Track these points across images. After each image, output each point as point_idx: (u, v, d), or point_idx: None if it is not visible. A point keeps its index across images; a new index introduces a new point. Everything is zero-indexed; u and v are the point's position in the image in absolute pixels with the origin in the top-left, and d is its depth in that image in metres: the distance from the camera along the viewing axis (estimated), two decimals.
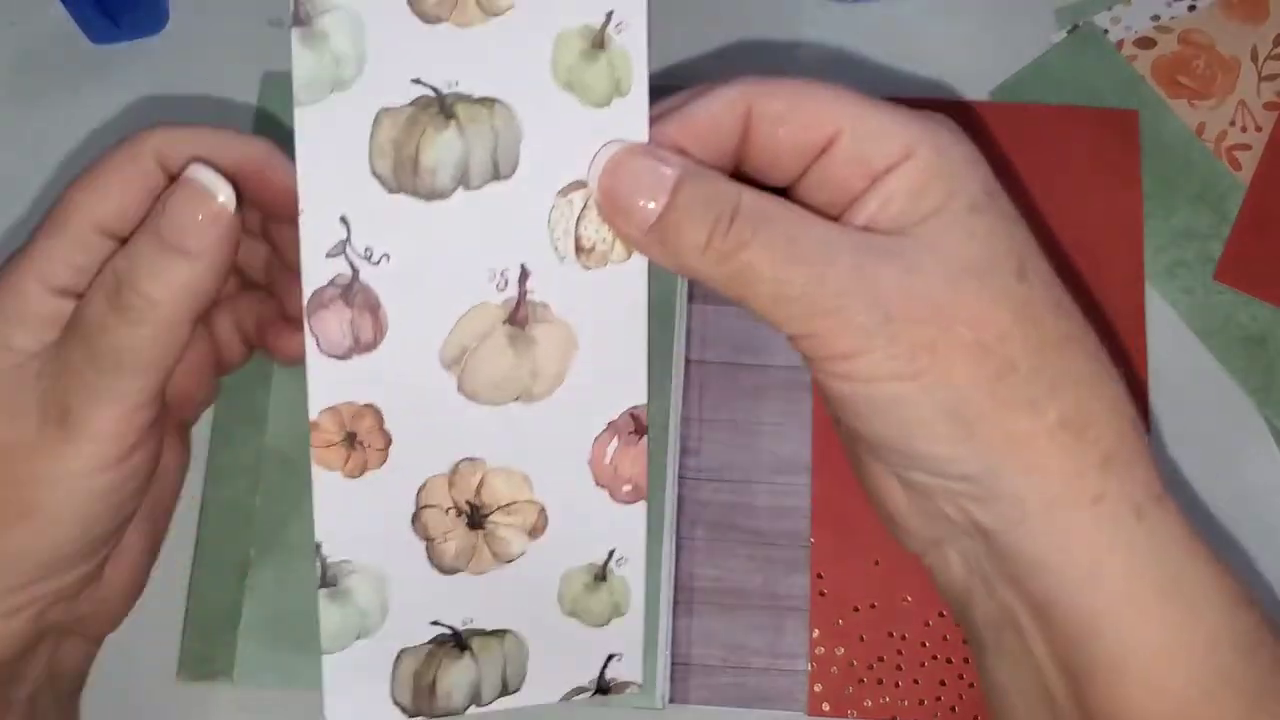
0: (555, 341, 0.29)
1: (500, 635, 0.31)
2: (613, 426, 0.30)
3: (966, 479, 0.26)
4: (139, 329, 0.28)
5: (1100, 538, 0.26)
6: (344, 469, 0.29)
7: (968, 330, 0.25)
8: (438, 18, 0.26)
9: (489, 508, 0.30)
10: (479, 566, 0.30)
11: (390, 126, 0.26)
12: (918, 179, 0.26)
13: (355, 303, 0.27)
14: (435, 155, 0.27)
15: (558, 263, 0.28)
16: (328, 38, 0.26)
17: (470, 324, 0.28)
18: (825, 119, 0.27)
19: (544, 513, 0.30)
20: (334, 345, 0.27)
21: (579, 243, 0.28)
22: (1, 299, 0.29)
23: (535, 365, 0.29)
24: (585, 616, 0.31)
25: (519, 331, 0.28)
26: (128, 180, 0.28)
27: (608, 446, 0.30)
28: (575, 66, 0.27)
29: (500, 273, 0.28)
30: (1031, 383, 0.26)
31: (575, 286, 0.28)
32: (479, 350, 0.28)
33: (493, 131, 0.27)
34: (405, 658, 0.30)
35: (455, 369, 0.28)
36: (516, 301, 0.28)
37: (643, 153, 0.27)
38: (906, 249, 0.26)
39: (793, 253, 0.25)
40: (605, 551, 0.31)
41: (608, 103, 0.27)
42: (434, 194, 0.27)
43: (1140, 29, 0.48)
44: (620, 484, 0.30)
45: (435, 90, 0.27)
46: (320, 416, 0.28)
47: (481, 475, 0.30)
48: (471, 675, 0.31)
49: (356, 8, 0.26)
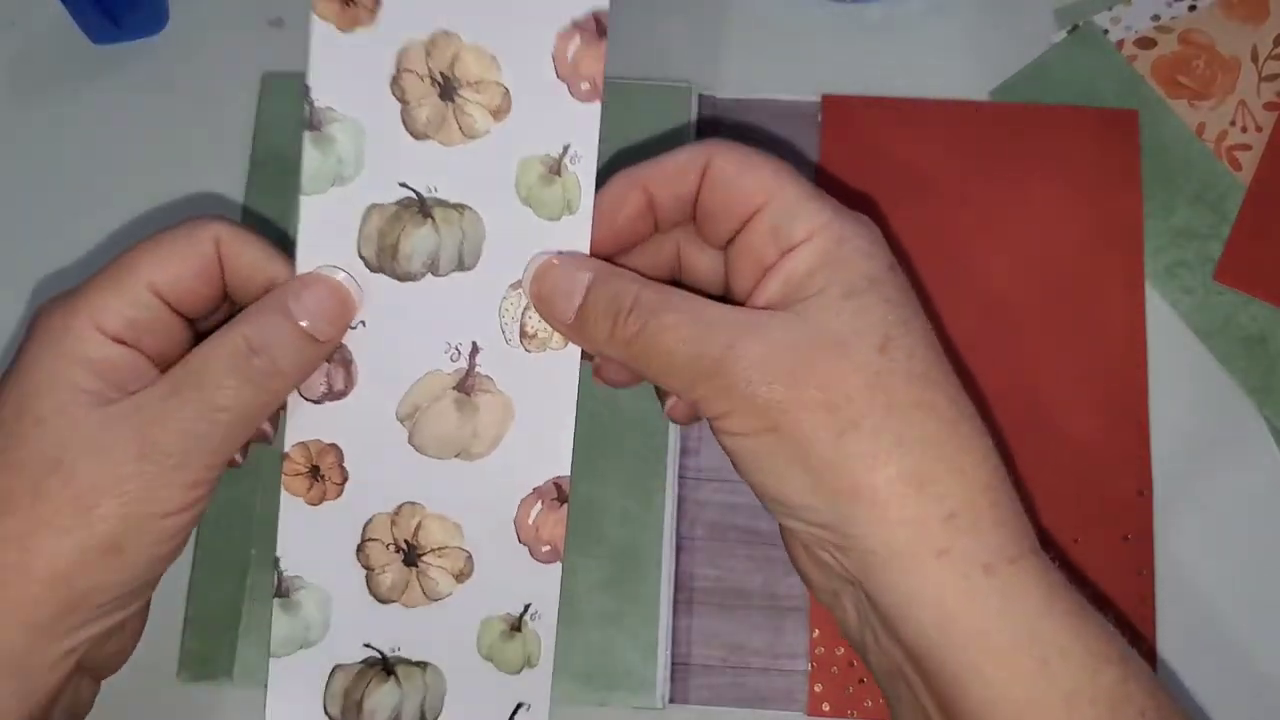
0: (495, 410, 0.33)
1: (423, 667, 0.34)
2: (538, 492, 0.34)
3: (825, 526, 0.30)
4: (259, 394, 0.31)
5: (946, 591, 0.28)
6: (306, 496, 0.33)
7: (819, 392, 0.29)
8: (425, 135, 0.32)
9: (424, 548, 0.34)
10: (410, 600, 0.34)
11: (378, 219, 0.32)
12: (811, 261, 0.30)
13: (333, 358, 0.33)
14: (412, 245, 0.32)
15: (504, 344, 0.33)
16: (334, 142, 0.32)
17: (425, 387, 0.33)
18: (758, 190, 0.31)
19: (471, 560, 0.34)
20: (311, 390, 0.33)
21: (524, 329, 0.33)
22: (60, 340, 0.31)
23: (476, 428, 0.33)
24: (500, 663, 0.34)
25: (465, 398, 0.33)
26: (187, 256, 0.32)
27: (532, 509, 0.34)
28: (535, 186, 0.32)
29: (455, 346, 0.33)
30: (874, 440, 0.29)
31: (517, 366, 0.33)
32: (429, 409, 0.33)
33: (461, 231, 0.32)
34: (338, 673, 0.34)
35: (408, 423, 0.33)
36: (466, 372, 0.33)
37: (564, 262, 0.32)
38: (780, 323, 0.30)
39: (677, 335, 0.30)
40: (521, 605, 0.34)
41: (559, 218, 0.32)
42: (407, 276, 0.32)
43: (1140, 29, 0.48)
44: (540, 544, 0.34)
45: (417, 193, 0.32)
46: (292, 449, 0.33)
47: (420, 519, 0.34)
48: (394, 700, 0.34)
49: (361, 121, 0.32)
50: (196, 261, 0.32)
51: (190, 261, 0.32)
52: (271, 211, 0.45)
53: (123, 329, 0.31)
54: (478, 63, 0.32)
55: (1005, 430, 0.43)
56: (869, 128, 0.46)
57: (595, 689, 0.40)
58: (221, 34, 0.49)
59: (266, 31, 0.49)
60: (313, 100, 0.32)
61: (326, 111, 0.32)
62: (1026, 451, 0.42)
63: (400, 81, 0.32)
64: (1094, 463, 0.42)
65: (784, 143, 0.46)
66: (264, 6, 0.49)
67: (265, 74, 0.47)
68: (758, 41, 0.48)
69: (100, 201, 0.47)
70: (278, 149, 0.46)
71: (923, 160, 0.45)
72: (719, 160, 0.32)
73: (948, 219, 0.45)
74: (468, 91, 0.32)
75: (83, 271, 0.46)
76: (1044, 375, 0.43)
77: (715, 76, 0.47)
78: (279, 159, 0.46)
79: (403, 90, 0.32)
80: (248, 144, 0.46)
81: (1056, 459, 0.42)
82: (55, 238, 0.46)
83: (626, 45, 0.48)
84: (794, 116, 0.46)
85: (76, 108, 0.48)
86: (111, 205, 0.47)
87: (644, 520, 0.42)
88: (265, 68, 0.47)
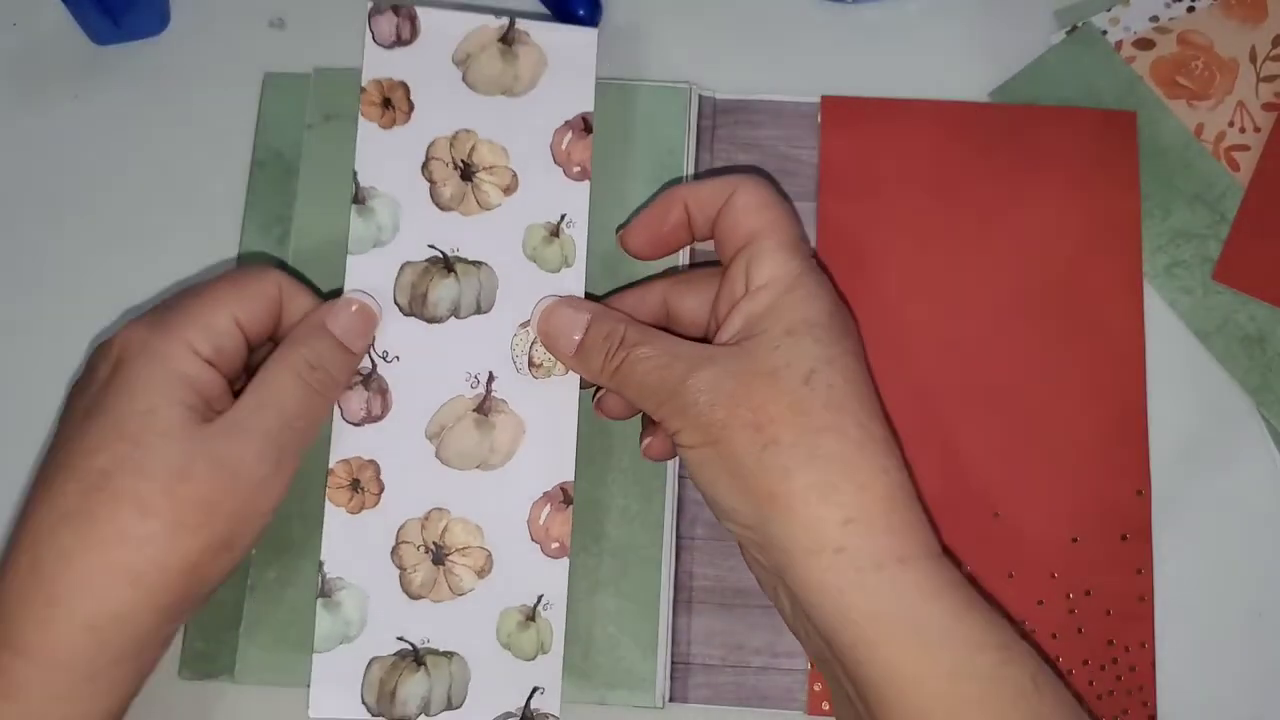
0: (509, 428, 0.40)
1: (449, 656, 0.39)
2: (547, 496, 0.39)
3: (750, 528, 0.35)
4: (321, 401, 0.38)
5: (844, 582, 0.33)
6: (348, 506, 0.39)
7: (749, 413, 0.34)
8: (450, 207, 0.40)
9: (450, 549, 0.39)
10: (438, 595, 0.39)
11: (410, 274, 0.40)
12: (765, 304, 0.36)
13: (372, 387, 0.39)
14: (438, 294, 0.40)
15: (515, 372, 0.40)
16: (375, 213, 0.40)
17: (449, 409, 0.39)
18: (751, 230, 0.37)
19: (490, 557, 0.39)
20: (353, 414, 0.39)
21: (531, 360, 0.40)
22: (166, 361, 0.35)
23: (493, 443, 0.39)
24: (517, 650, 0.39)
25: (483, 418, 0.39)
26: (260, 296, 0.38)
27: (541, 511, 0.39)
28: (538, 246, 0.40)
29: (474, 375, 0.40)
30: (790, 455, 0.34)
31: (526, 390, 0.40)
32: (453, 428, 0.39)
33: (479, 282, 0.40)
34: (374, 665, 0.38)
35: (435, 440, 0.39)
36: (484, 397, 0.40)
37: (567, 304, 0.40)
38: (728, 356, 0.36)
39: (649, 364, 0.36)
40: (535, 596, 0.39)
41: (558, 270, 0.40)
42: (434, 319, 0.40)
43: (1139, 30, 0.48)
44: (550, 541, 0.39)
45: (442, 253, 0.40)
46: (336, 465, 0.39)
47: (446, 522, 0.39)
48: (424, 688, 0.38)
49: (397, 197, 0.40)
50: (267, 301, 0.38)
51: (263, 301, 0.38)
52: (272, 211, 0.46)
53: (213, 353, 0.36)
54: (491, 152, 0.41)
55: (1004, 430, 0.43)
56: (868, 128, 0.46)
57: (595, 687, 0.40)
58: (222, 34, 0.49)
59: (267, 32, 0.49)
60: (358, 181, 0.40)
61: (370, 190, 0.40)
62: (1025, 451, 0.42)
63: (429, 166, 0.40)
64: (1093, 462, 0.43)
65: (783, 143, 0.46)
66: (265, 7, 0.49)
67: (266, 74, 0.47)
68: (757, 42, 0.48)
69: (101, 201, 0.47)
70: (278, 149, 0.46)
71: (922, 161, 0.46)
72: (739, 194, 0.38)
73: (947, 219, 0.45)
74: (483, 174, 0.41)
75: (84, 271, 0.46)
76: (1043, 375, 0.43)
77: (715, 76, 0.47)
78: (280, 159, 0.46)
79: (431, 173, 0.40)
80: (249, 144, 0.46)
81: (1055, 459, 0.42)
82: (56, 238, 0.47)
83: (626, 45, 0.48)
84: (793, 117, 0.46)
85: (78, 108, 0.48)
86: (112, 205, 0.47)
87: (644, 519, 0.42)
88: (266, 68, 0.47)
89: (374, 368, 0.39)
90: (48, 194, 0.47)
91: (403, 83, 0.41)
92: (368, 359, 0.39)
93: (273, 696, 0.41)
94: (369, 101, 0.41)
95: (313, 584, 0.39)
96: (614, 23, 0.49)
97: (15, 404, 0.44)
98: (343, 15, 0.49)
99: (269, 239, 0.45)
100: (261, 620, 0.41)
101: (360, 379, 0.39)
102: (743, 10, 0.49)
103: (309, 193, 0.45)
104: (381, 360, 0.39)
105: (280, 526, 0.42)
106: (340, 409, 0.39)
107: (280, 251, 0.45)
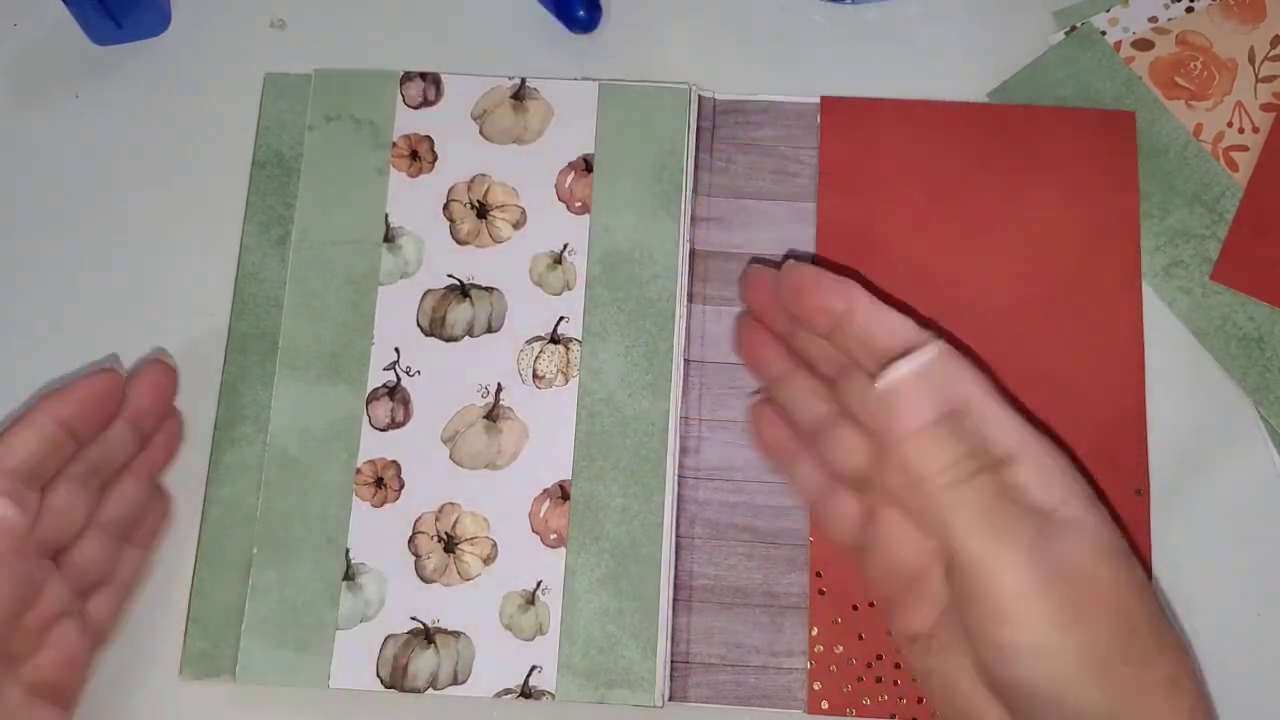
0: (515, 432, 0.43)
1: (456, 635, 0.42)
2: (546, 492, 0.43)
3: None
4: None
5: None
6: (371, 500, 0.43)
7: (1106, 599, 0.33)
8: (466, 242, 0.45)
9: (460, 539, 0.42)
10: (448, 580, 0.42)
11: (430, 300, 0.45)
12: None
13: (396, 398, 0.44)
14: (454, 317, 0.44)
15: (521, 384, 0.44)
16: (402, 249, 0.45)
17: (462, 416, 0.43)
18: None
19: (496, 546, 0.42)
20: (379, 421, 0.43)
21: (535, 373, 0.44)
22: None
23: (500, 446, 0.43)
24: (517, 630, 0.41)
25: (492, 424, 0.43)
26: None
27: (542, 505, 0.43)
28: (543, 273, 0.45)
29: (485, 386, 0.44)
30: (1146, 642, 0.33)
31: (530, 399, 0.44)
32: (466, 433, 0.43)
33: (490, 305, 0.44)
34: (389, 642, 0.41)
35: (450, 443, 0.43)
36: (493, 405, 0.44)
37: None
38: None
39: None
40: (535, 581, 0.42)
41: (560, 293, 0.44)
42: (451, 338, 0.44)
43: (1138, 30, 0.48)
44: (549, 532, 0.42)
45: (460, 281, 0.45)
46: (363, 465, 0.43)
47: (457, 515, 0.43)
48: (433, 664, 0.41)
49: (421, 235, 0.45)
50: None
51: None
52: (272, 211, 0.46)
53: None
54: (504, 193, 0.45)
55: None
56: (867, 129, 0.46)
57: (594, 686, 0.41)
58: (223, 35, 0.49)
59: (268, 33, 0.49)
60: (389, 222, 0.45)
61: (398, 230, 0.45)
62: None
63: (449, 207, 0.45)
64: (1092, 462, 0.42)
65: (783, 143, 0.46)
66: (265, 8, 0.49)
67: (267, 75, 0.47)
68: (757, 42, 0.49)
69: (102, 202, 0.47)
70: (279, 149, 0.46)
71: (921, 161, 0.46)
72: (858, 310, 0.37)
73: (946, 220, 0.45)
74: (496, 212, 0.45)
75: (84, 271, 0.46)
76: (1042, 375, 0.43)
77: (715, 77, 0.47)
78: (280, 159, 0.46)
79: (451, 213, 0.45)
80: (249, 144, 0.47)
81: None
82: (56, 238, 0.47)
83: (626, 46, 0.48)
84: (793, 117, 0.46)
85: (79, 108, 0.48)
86: (113, 206, 0.47)
87: (644, 518, 0.42)
88: (267, 68, 0.47)
89: (398, 380, 0.44)
90: (48, 194, 0.47)
91: (428, 136, 0.46)
92: (393, 373, 0.44)
93: (275, 696, 0.41)
94: (399, 154, 0.46)
95: (313, 584, 0.41)
96: (614, 23, 0.49)
97: (15, 404, 0.44)
98: (343, 16, 0.49)
99: (269, 239, 0.45)
100: (263, 620, 0.41)
101: (386, 391, 0.44)
102: (743, 10, 0.49)
103: (309, 193, 0.45)
104: (405, 374, 0.44)
105: (279, 525, 0.42)
106: (369, 417, 0.43)
107: (280, 251, 0.45)
